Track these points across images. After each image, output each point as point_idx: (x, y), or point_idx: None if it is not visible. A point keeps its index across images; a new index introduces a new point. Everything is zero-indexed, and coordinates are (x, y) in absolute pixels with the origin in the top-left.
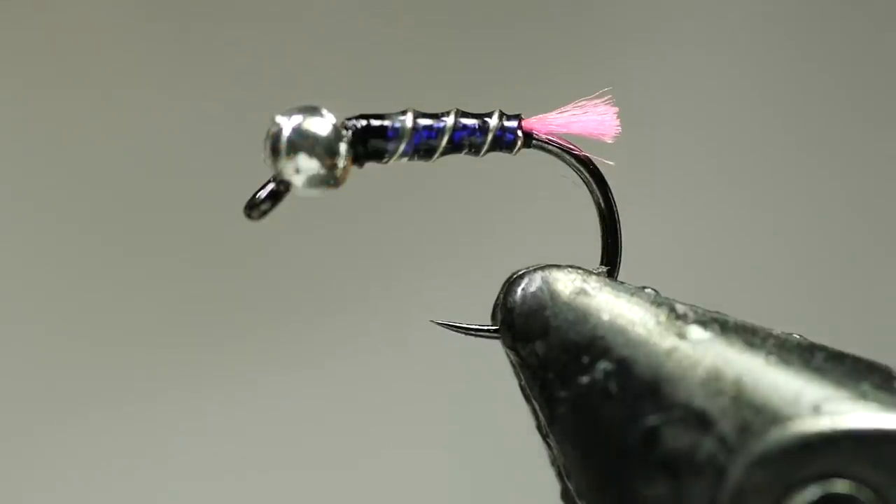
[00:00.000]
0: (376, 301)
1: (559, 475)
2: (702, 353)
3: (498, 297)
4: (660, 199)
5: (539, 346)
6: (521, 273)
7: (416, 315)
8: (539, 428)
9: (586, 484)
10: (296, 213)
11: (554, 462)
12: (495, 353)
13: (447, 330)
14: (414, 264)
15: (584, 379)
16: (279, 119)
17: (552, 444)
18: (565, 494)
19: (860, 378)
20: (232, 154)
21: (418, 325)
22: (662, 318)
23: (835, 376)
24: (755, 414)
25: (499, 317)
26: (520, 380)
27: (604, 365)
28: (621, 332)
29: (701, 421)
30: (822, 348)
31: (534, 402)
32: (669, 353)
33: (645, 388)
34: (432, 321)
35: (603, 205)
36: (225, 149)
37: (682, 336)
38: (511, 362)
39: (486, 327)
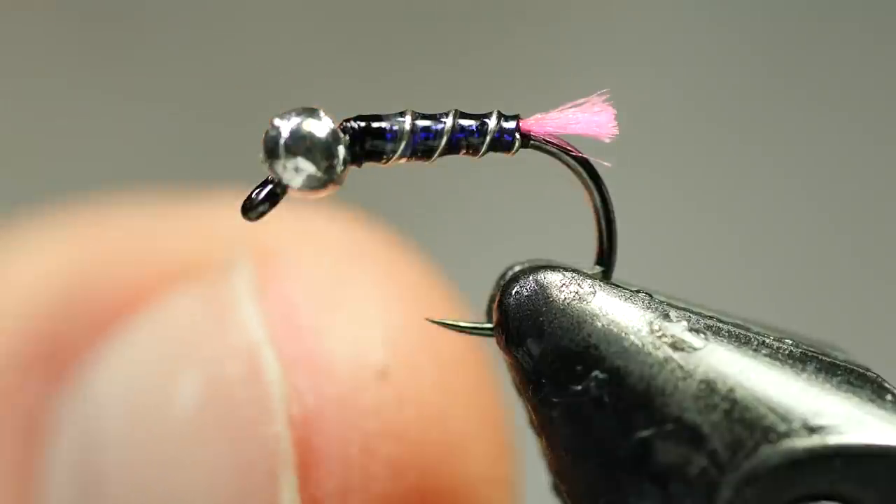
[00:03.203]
0: None
1: (550, 467)
2: (694, 364)
3: (492, 295)
4: (656, 200)
5: (533, 351)
6: (515, 274)
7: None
8: (531, 423)
9: (577, 490)
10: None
11: (545, 454)
12: (491, 347)
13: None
14: None
15: (577, 387)
16: (277, 121)
17: (544, 443)
18: (556, 486)
19: (851, 391)
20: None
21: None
22: (656, 325)
23: (826, 390)
24: (746, 430)
25: (493, 317)
26: (513, 377)
27: (597, 374)
28: (615, 341)
29: (693, 435)
30: (814, 358)
31: (526, 401)
32: (662, 364)
33: (638, 399)
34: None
35: (599, 205)
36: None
37: (675, 346)
38: (505, 360)
39: (481, 325)
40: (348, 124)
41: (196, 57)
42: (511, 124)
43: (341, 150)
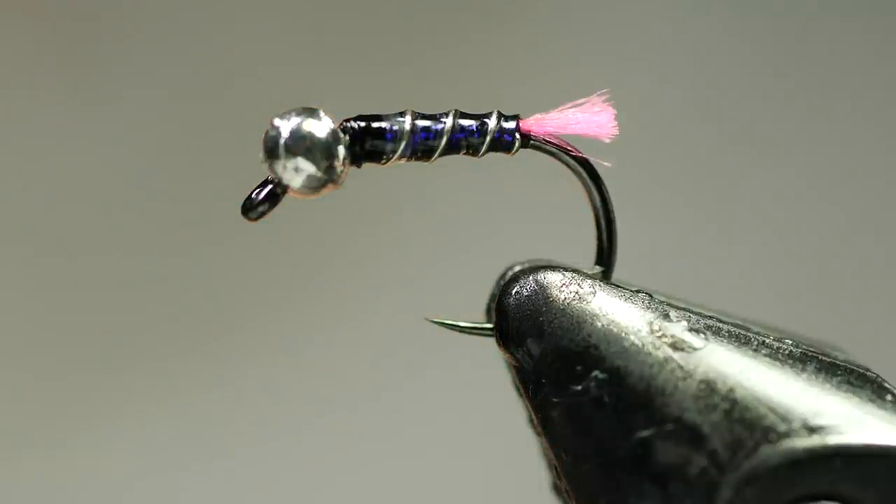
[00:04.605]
0: (370, 298)
1: (550, 467)
2: (694, 364)
3: (492, 295)
4: (656, 200)
5: (533, 351)
6: (515, 274)
7: (411, 312)
8: (531, 423)
9: (577, 490)
10: (290, 209)
11: (545, 454)
12: (490, 347)
13: (442, 328)
14: (409, 261)
15: (578, 387)
16: (277, 121)
17: (544, 443)
18: (556, 486)
19: (851, 391)
20: (220, 153)
21: (413, 323)
22: (656, 325)
23: (826, 390)
24: (746, 430)
25: (493, 318)
26: (513, 377)
27: (597, 374)
28: (615, 341)
29: (693, 435)
30: (814, 358)
31: (527, 401)
32: (662, 364)
33: (638, 399)
34: (427, 319)
35: (599, 205)
36: (213, 148)
37: (675, 346)
38: (505, 360)
39: (480, 325)
40: (348, 124)
41: (194, 56)
42: (511, 124)
43: (341, 150)
